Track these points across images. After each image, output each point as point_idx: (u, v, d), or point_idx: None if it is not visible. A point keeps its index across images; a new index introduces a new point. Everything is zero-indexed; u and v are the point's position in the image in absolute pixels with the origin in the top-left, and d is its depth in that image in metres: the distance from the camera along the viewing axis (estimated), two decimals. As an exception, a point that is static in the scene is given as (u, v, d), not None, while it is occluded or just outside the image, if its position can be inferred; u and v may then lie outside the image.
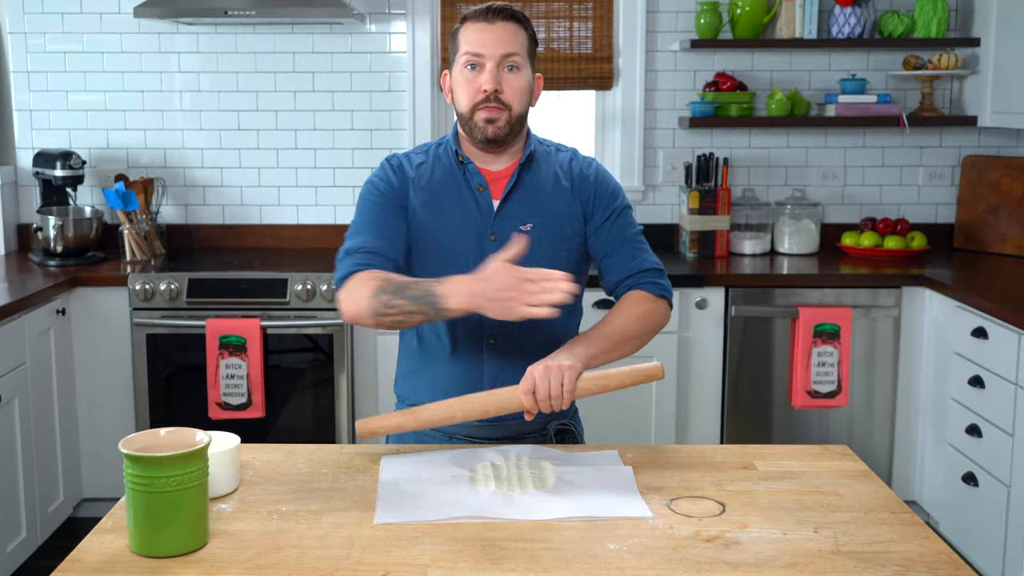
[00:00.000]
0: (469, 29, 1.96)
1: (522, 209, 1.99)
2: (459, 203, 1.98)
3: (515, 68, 1.95)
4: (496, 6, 1.97)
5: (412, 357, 2.09)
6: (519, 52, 1.95)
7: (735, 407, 3.62)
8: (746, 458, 1.90)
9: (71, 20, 3.98)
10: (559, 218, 1.99)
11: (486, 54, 1.92)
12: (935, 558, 1.50)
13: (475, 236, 1.97)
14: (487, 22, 1.94)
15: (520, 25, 1.97)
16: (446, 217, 1.97)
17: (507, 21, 1.95)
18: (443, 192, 1.99)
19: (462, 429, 2.02)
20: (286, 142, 4.07)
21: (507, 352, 1.98)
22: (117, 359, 3.55)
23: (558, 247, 1.99)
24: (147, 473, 1.45)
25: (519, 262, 1.77)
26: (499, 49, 1.93)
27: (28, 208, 4.08)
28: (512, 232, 1.94)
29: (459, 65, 1.96)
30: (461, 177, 2.00)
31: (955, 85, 4.05)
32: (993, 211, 3.99)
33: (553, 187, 2.02)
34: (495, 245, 1.94)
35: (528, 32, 1.98)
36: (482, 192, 1.99)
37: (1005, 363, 3.01)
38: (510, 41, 1.94)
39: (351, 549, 1.51)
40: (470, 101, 1.95)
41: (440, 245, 1.97)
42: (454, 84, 1.99)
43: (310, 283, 3.48)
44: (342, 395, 3.54)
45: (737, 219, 3.98)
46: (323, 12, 3.62)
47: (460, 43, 1.97)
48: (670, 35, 4.01)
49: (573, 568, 1.46)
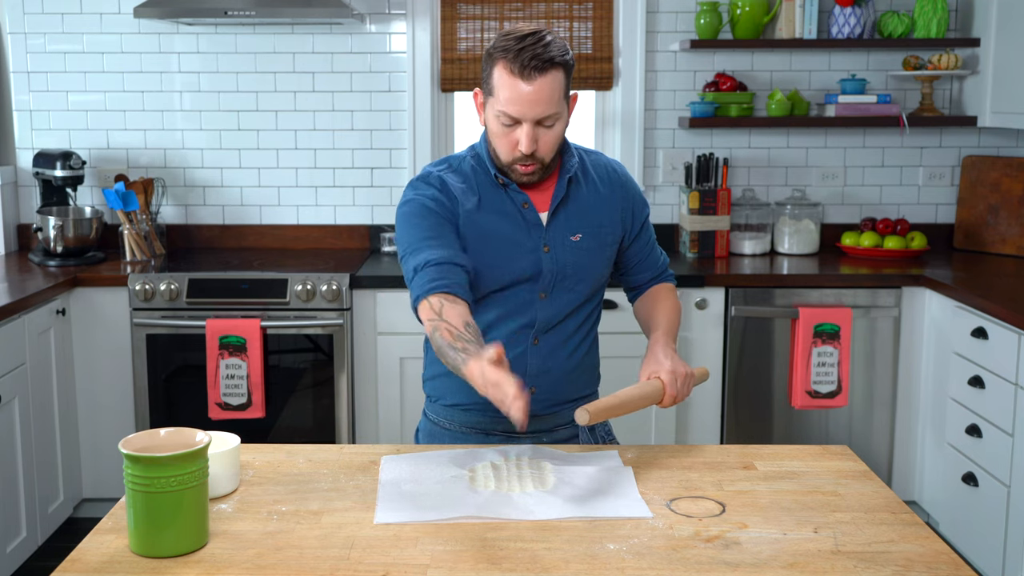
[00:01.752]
0: (504, 82, 1.88)
1: (569, 221, 2.03)
2: (507, 220, 2.00)
3: (551, 123, 1.92)
4: (531, 57, 1.86)
5: None
6: (555, 107, 1.90)
7: (735, 407, 3.62)
8: (746, 458, 1.90)
9: (71, 20, 3.98)
10: (602, 227, 2.07)
11: (522, 117, 1.89)
12: (935, 558, 1.50)
13: (528, 250, 2.00)
14: (523, 80, 1.86)
15: (557, 69, 1.89)
16: (495, 234, 1.99)
17: (544, 75, 1.87)
18: (489, 211, 2.00)
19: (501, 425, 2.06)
20: (286, 142, 4.07)
21: (546, 350, 2.05)
22: (117, 359, 3.55)
23: (602, 255, 2.08)
24: (147, 473, 1.45)
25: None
26: (536, 112, 1.89)
27: (28, 208, 4.08)
28: (563, 242, 2.02)
29: (493, 112, 1.93)
30: (505, 195, 2.01)
31: (955, 85, 4.05)
32: (993, 211, 3.99)
33: (594, 196, 2.07)
34: (549, 256, 2.01)
35: (566, 71, 1.92)
36: (527, 208, 2.01)
37: (1005, 363, 3.01)
38: (547, 100, 1.89)
39: (351, 549, 1.51)
40: (507, 154, 1.95)
41: (492, 261, 1.99)
42: (488, 127, 1.97)
43: (310, 283, 3.48)
44: (342, 395, 3.54)
45: (737, 219, 3.98)
46: (323, 12, 3.62)
47: (495, 88, 1.91)
48: (670, 35, 4.01)
49: (573, 568, 1.46)
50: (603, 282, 2.12)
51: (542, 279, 2.01)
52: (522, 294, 2.01)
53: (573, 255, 2.02)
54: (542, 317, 2.03)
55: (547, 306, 2.03)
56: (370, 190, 4.09)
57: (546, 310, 2.03)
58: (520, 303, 2.02)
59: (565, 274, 2.02)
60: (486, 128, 1.99)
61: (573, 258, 2.02)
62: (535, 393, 2.04)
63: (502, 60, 1.88)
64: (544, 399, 2.05)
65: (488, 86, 1.93)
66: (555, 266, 2.01)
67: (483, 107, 1.98)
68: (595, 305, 2.13)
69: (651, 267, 2.19)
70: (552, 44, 1.88)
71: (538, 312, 2.02)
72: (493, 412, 2.02)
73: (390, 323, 3.53)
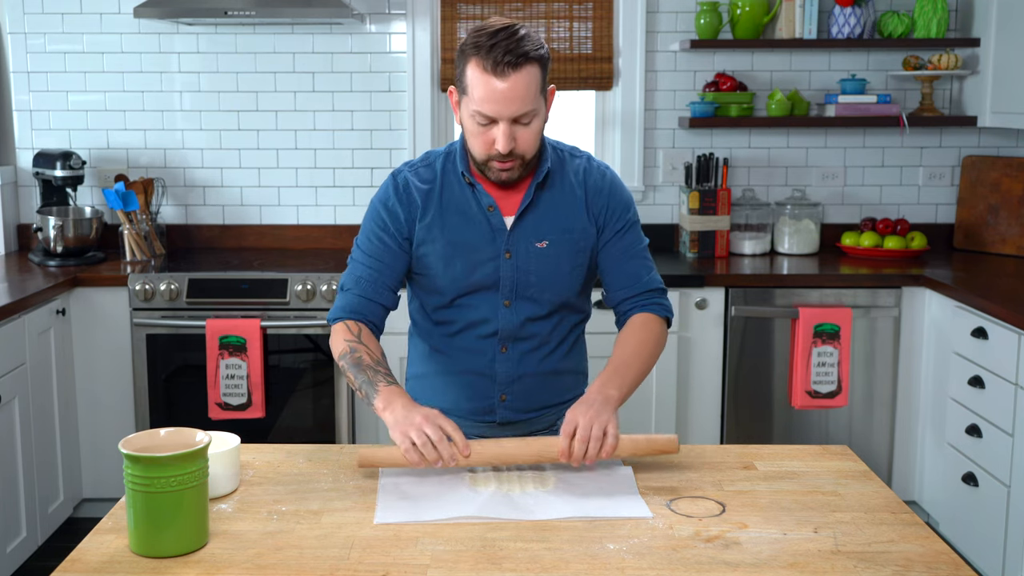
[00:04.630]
0: (477, 79, 1.81)
1: (537, 226, 1.96)
2: (470, 224, 1.95)
3: (528, 120, 1.86)
4: (504, 53, 1.79)
5: (422, 362, 2.11)
6: (532, 103, 1.84)
7: (735, 407, 3.62)
8: (746, 458, 1.90)
9: (71, 20, 3.98)
10: (573, 233, 1.98)
11: (498, 116, 1.83)
12: (935, 558, 1.50)
13: (489, 255, 1.95)
14: (496, 77, 1.79)
15: (532, 64, 1.82)
16: (458, 238, 1.95)
17: (519, 71, 1.80)
18: (452, 214, 1.96)
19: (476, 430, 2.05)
20: (286, 142, 4.07)
21: (515, 357, 2.01)
22: (117, 359, 3.55)
23: (573, 262, 1.99)
24: (147, 473, 1.45)
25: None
26: (512, 110, 1.82)
27: (28, 208, 4.08)
28: (527, 248, 1.95)
29: (468, 111, 1.86)
30: (471, 196, 1.96)
31: (955, 85, 4.05)
32: (993, 211, 3.99)
33: (567, 201, 1.98)
34: (510, 262, 1.95)
35: (541, 66, 1.85)
36: (493, 212, 1.95)
37: (1005, 363, 3.01)
38: (523, 97, 1.82)
39: (351, 549, 1.51)
40: (482, 152, 1.89)
41: (453, 265, 1.96)
42: (464, 126, 1.91)
43: (310, 283, 3.48)
44: (342, 395, 3.54)
45: (737, 219, 3.98)
46: (323, 12, 3.62)
47: (468, 87, 1.84)
48: (670, 35, 4.01)
49: (573, 568, 1.46)
50: (577, 289, 2.02)
51: (503, 286, 1.96)
52: (486, 301, 1.97)
53: (537, 262, 1.96)
54: (507, 325, 1.98)
55: (511, 314, 1.98)
56: (370, 190, 4.09)
57: (511, 318, 1.98)
58: (484, 311, 1.98)
59: (528, 282, 1.96)
60: (463, 126, 1.92)
61: (537, 266, 1.96)
62: (506, 401, 2.02)
63: (474, 57, 1.82)
64: (517, 406, 2.04)
65: (462, 84, 1.86)
66: (515, 273, 1.95)
67: (458, 105, 1.91)
68: (574, 311, 2.05)
69: (628, 283, 2.02)
70: (526, 39, 1.82)
71: (502, 320, 1.98)
72: (470, 419, 2.03)
73: (389, 323, 3.49)
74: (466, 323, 2.00)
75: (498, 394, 2.02)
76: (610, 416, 1.76)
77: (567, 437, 1.73)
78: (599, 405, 1.77)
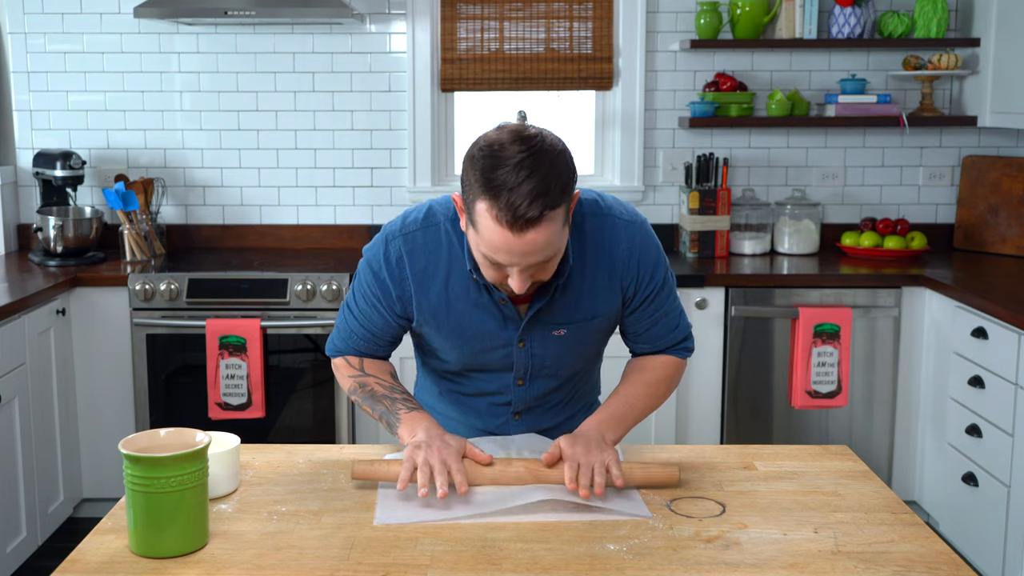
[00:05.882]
0: (490, 226, 1.54)
1: (553, 317, 1.80)
2: (479, 311, 1.79)
3: (550, 257, 1.62)
4: (525, 205, 1.50)
5: (432, 397, 2.06)
6: (555, 247, 1.59)
7: (735, 407, 3.62)
8: (746, 458, 1.90)
9: (71, 20, 3.98)
10: (595, 318, 1.83)
11: (514, 265, 1.60)
12: (935, 558, 1.50)
13: (501, 342, 1.82)
14: (513, 233, 1.52)
15: (557, 210, 1.55)
16: (465, 326, 1.80)
17: (539, 226, 1.52)
18: (459, 302, 1.78)
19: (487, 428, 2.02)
20: (286, 142, 4.07)
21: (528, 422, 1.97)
22: (117, 359, 3.55)
23: (592, 340, 1.89)
24: (147, 473, 1.45)
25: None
26: (529, 260, 1.58)
27: (28, 208, 4.08)
28: (544, 336, 1.82)
29: (475, 245, 1.62)
30: (480, 288, 1.77)
31: (955, 85, 4.05)
32: (993, 211, 3.99)
33: (590, 287, 1.79)
34: (524, 350, 1.84)
35: (566, 202, 1.57)
36: (506, 304, 1.77)
37: (1005, 363, 3.01)
38: (543, 248, 1.56)
39: (351, 550, 1.51)
40: (493, 281, 1.68)
41: (461, 349, 1.85)
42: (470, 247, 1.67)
43: (310, 283, 3.48)
44: (342, 395, 3.54)
45: (737, 219, 3.98)
46: (323, 12, 3.62)
47: (477, 224, 1.56)
48: (670, 35, 4.01)
49: (573, 568, 1.46)
50: (598, 353, 1.96)
51: (516, 369, 1.87)
52: (498, 379, 1.90)
53: (554, 349, 1.84)
54: (521, 400, 1.93)
55: (525, 391, 1.91)
56: (370, 190, 4.09)
57: (524, 394, 1.92)
58: (497, 385, 1.91)
59: (543, 366, 1.87)
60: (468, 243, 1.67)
61: (554, 352, 1.85)
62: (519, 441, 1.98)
63: (487, 199, 1.53)
64: None
65: (470, 214, 1.58)
66: (530, 360, 1.85)
67: (463, 216, 1.64)
68: (592, 368, 1.99)
69: (652, 341, 1.90)
70: (551, 174, 1.52)
71: (516, 395, 1.92)
72: None
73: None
74: (477, 391, 1.94)
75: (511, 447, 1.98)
76: (612, 455, 1.69)
77: (572, 473, 1.65)
78: (597, 446, 1.70)
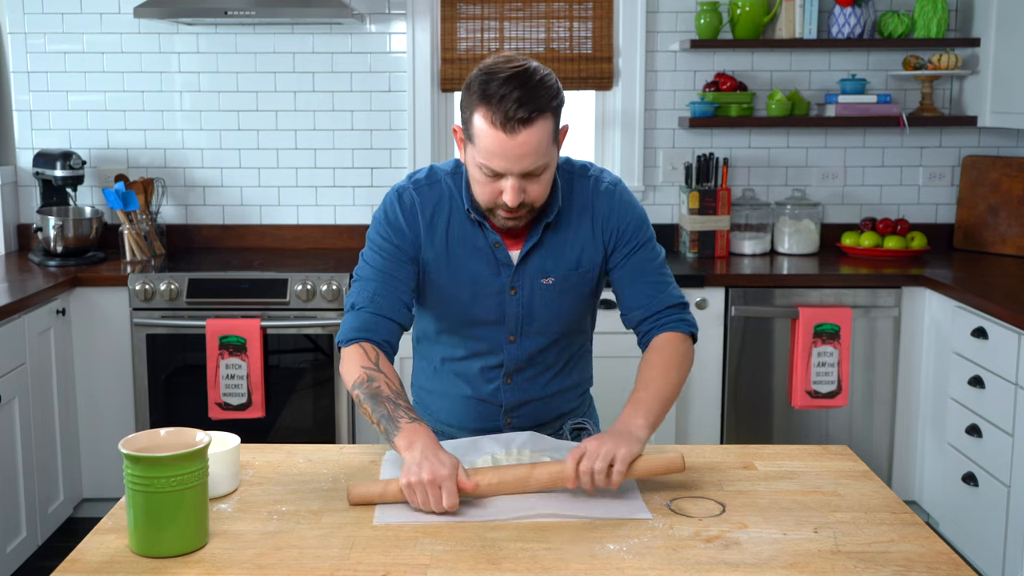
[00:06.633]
0: (485, 132, 1.70)
1: (543, 263, 1.90)
2: (476, 256, 1.89)
3: (540, 172, 1.75)
4: (516, 106, 1.67)
5: (428, 377, 2.08)
6: (544, 157, 1.73)
7: (735, 407, 3.62)
8: (746, 458, 1.90)
9: (71, 20, 3.98)
10: (580, 267, 1.92)
11: (506, 171, 1.73)
12: (935, 558, 1.50)
13: (494, 291, 1.90)
14: (506, 133, 1.68)
15: (545, 117, 1.71)
16: (462, 272, 1.89)
17: (531, 127, 1.69)
18: (458, 247, 1.89)
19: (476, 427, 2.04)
20: (286, 142, 4.07)
21: (520, 387, 1.99)
22: (117, 359, 3.55)
23: (579, 293, 1.94)
24: (147, 473, 1.45)
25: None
26: (522, 165, 1.72)
27: (28, 208, 4.08)
28: (533, 285, 1.90)
29: (473, 160, 1.76)
30: (477, 230, 1.89)
31: (955, 85, 4.05)
32: (993, 211, 3.99)
33: (576, 235, 1.91)
34: (515, 299, 1.91)
35: (555, 115, 1.74)
36: (499, 248, 1.88)
37: (1005, 363, 3.01)
38: (534, 152, 1.71)
39: (351, 549, 1.51)
40: (488, 201, 1.80)
41: (457, 298, 1.92)
42: (468, 171, 1.81)
43: (310, 283, 3.48)
44: (342, 395, 3.54)
45: (737, 219, 3.98)
46: (323, 12, 3.62)
47: (475, 136, 1.73)
48: (670, 35, 4.01)
49: (573, 568, 1.46)
50: (584, 315, 2.00)
51: (508, 322, 1.92)
52: (490, 335, 1.94)
53: (543, 298, 1.91)
54: (512, 359, 1.96)
55: (517, 348, 1.95)
56: (370, 190, 4.09)
57: (516, 352, 1.95)
58: (489, 344, 1.95)
59: (533, 317, 1.92)
60: (467, 169, 1.82)
61: (543, 301, 1.91)
62: (511, 423, 2.01)
63: (482, 106, 1.70)
64: (523, 425, 2.02)
65: (468, 131, 1.75)
66: (521, 310, 1.91)
67: (462, 145, 1.80)
68: (578, 332, 2.02)
69: (644, 302, 1.93)
70: (539, 87, 1.70)
71: (508, 354, 1.95)
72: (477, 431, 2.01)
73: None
74: (470, 352, 1.97)
75: (503, 418, 2.01)
76: (629, 448, 1.67)
77: (573, 461, 1.66)
78: (617, 436, 1.69)
